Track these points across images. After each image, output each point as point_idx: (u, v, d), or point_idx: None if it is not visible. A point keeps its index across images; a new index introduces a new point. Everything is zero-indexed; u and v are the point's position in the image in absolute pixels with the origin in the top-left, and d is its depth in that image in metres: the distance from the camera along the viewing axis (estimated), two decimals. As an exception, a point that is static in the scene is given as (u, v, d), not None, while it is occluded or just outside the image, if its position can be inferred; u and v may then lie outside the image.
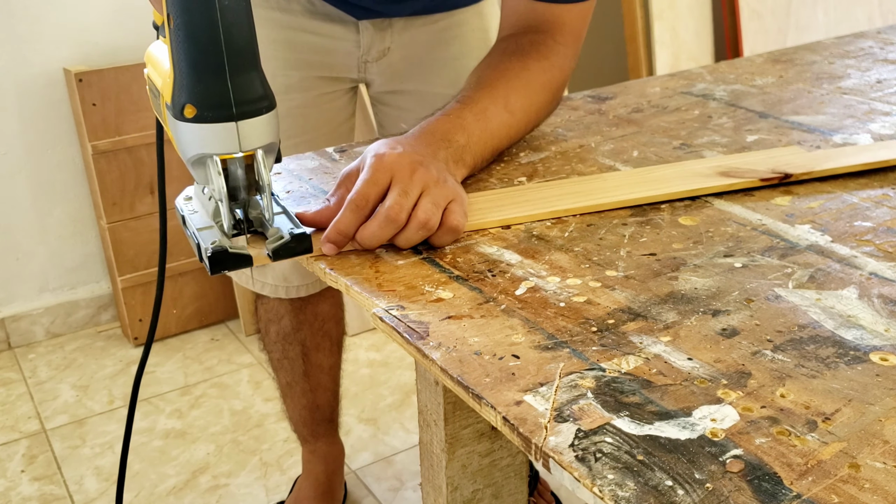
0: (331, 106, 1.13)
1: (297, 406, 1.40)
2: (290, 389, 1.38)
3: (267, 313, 1.32)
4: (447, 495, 0.83)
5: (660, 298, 0.60)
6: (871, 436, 0.45)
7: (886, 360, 0.52)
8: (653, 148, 0.88)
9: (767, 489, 0.42)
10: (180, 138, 0.63)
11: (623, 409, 0.48)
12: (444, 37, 1.12)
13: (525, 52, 0.88)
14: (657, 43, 2.26)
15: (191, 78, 0.60)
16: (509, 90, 0.85)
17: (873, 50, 1.23)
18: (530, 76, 0.87)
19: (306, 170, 0.86)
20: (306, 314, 1.30)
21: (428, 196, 0.68)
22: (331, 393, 1.41)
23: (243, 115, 0.62)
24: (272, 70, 1.06)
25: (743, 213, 0.73)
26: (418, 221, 0.67)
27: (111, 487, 1.59)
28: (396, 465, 1.63)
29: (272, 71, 1.06)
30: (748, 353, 0.53)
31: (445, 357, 0.54)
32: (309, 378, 1.36)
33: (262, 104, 0.63)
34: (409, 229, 0.67)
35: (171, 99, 0.62)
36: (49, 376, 1.96)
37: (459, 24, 1.13)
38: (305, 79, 1.09)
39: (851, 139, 0.88)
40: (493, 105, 0.83)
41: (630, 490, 0.42)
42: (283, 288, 1.21)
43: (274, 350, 1.35)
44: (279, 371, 1.38)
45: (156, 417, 1.79)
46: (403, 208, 0.67)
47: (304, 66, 1.09)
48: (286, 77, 1.08)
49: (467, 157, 0.79)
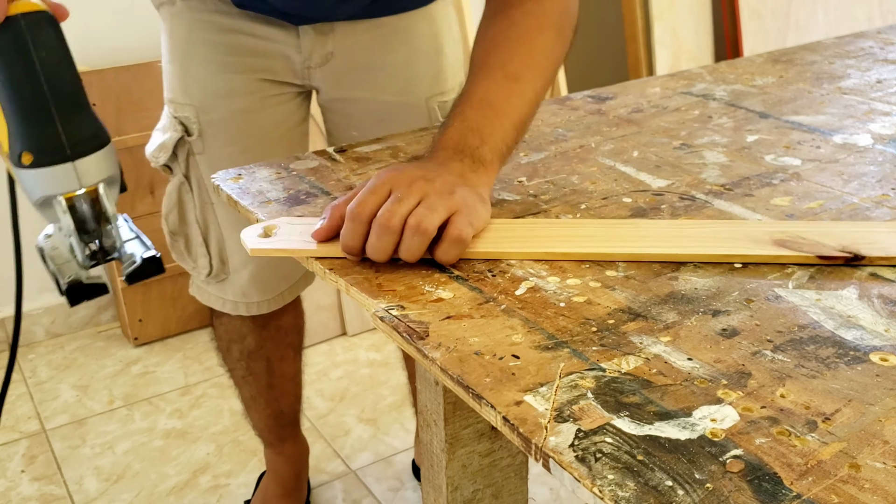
0: (278, 110, 1.09)
1: (262, 416, 1.39)
2: (255, 402, 1.37)
3: (228, 333, 1.28)
4: (447, 495, 0.83)
5: (660, 298, 0.60)
6: (871, 436, 0.45)
7: (886, 360, 0.52)
8: (653, 148, 0.88)
9: (767, 489, 0.42)
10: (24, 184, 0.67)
11: (623, 410, 0.48)
12: (390, 42, 1.07)
13: (509, 6, 0.83)
14: (657, 43, 2.26)
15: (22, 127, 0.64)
16: (503, 57, 0.80)
17: (873, 50, 1.23)
18: (519, 29, 0.81)
19: (306, 170, 0.86)
20: (269, 330, 1.27)
21: (424, 203, 0.66)
22: (293, 397, 1.41)
23: (79, 154, 0.66)
24: (212, 73, 1.05)
25: (743, 213, 0.73)
26: (410, 226, 0.64)
27: (111, 487, 1.59)
28: (396, 465, 1.63)
29: (212, 75, 1.05)
30: (748, 354, 0.53)
31: (445, 357, 0.54)
32: (273, 389, 1.34)
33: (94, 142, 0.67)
34: (405, 237, 0.64)
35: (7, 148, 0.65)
36: (49, 376, 1.96)
37: (406, 28, 1.08)
38: (248, 81, 1.06)
39: (851, 139, 0.88)
40: (491, 85, 0.78)
41: (630, 490, 0.42)
42: (244, 304, 1.18)
43: (237, 367, 1.33)
44: (243, 386, 1.36)
45: (156, 417, 1.79)
46: (395, 214, 0.64)
47: (246, 69, 1.05)
48: (227, 80, 1.05)
49: (488, 155, 0.74)
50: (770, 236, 0.67)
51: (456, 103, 0.79)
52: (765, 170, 0.82)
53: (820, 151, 0.86)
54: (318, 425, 1.75)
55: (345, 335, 2.06)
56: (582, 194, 0.78)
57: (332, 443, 1.69)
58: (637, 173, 0.82)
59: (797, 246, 0.65)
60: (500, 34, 0.82)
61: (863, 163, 0.82)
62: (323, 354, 1.99)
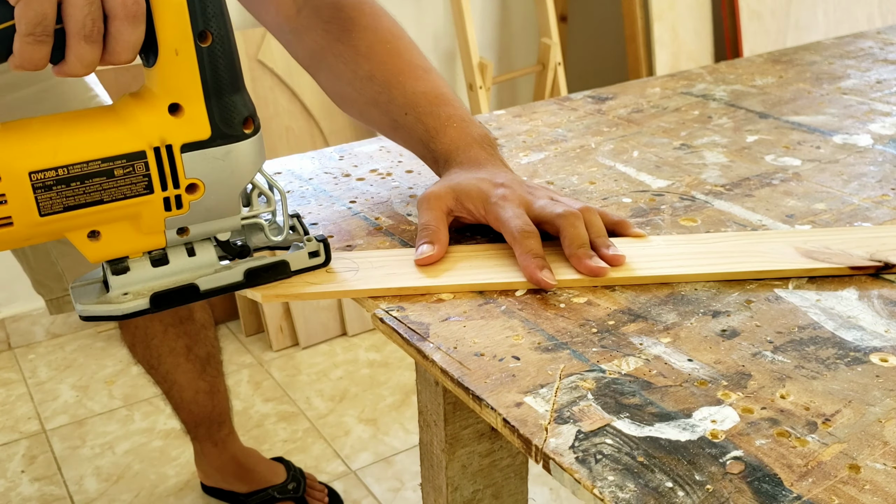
0: None
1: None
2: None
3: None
4: (447, 496, 0.83)
5: (660, 300, 0.60)
6: (871, 437, 0.45)
7: (886, 360, 0.52)
8: (653, 148, 0.88)
9: (768, 490, 0.42)
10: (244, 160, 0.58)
11: (623, 411, 0.48)
12: None
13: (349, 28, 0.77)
14: (657, 43, 2.26)
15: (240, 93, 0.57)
16: (409, 57, 0.76)
17: (873, 50, 1.23)
18: (387, 33, 0.77)
19: (306, 170, 0.86)
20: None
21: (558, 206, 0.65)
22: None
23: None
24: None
25: (743, 214, 0.73)
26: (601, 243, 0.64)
27: (111, 487, 1.59)
28: (396, 465, 1.63)
29: None
30: (748, 355, 0.53)
31: (446, 358, 0.54)
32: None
33: None
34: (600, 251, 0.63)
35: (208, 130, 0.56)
36: (49, 377, 1.96)
37: None
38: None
39: (851, 139, 0.88)
40: (428, 82, 0.75)
41: (630, 492, 0.42)
42: None
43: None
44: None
45: (156, 417, 1.79)
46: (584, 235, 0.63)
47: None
48: None
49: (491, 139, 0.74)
50: (793, 246, 0.65)
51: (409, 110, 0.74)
52: (765, 170, 0.82)
53: (820, 152, 0.86)
54: (318, 425, 1.75)
55: (345, 335, 2.06)
56: (582, 195, 0.78)
57: (332, 443, 1.69)
58: (637, 173, 0.82)
59: (826, 257, 0.63)
60: (376, 43, 0.76)
61: (863, 163, 0.82)
62: (323, 354, 1.99)
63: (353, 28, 0.76)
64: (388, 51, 0.76)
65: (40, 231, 0.55)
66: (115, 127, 0.55)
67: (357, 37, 0.76)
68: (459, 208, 0.68)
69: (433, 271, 0.64)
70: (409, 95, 0.74)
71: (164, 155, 0.55)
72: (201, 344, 1.38)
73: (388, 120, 0.76)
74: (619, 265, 0.62)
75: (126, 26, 0.51)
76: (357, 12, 0.77)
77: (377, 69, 0.75)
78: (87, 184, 0.54)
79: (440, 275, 0.63)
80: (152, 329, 1.33)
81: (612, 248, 0.63)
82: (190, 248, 0.61)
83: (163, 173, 0.56)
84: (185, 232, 0.59)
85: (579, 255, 0.62)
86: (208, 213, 0.59)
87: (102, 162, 0.54)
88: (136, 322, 1.31)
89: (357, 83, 0.76)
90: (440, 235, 0.65)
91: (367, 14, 0.77)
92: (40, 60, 0.50)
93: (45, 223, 0.54)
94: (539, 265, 0.61)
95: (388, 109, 0.75)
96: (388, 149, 0.91)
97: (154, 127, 0.55)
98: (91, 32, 0.50)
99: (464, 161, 0.71)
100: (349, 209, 0.77)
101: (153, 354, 1.35)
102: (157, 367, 1.37)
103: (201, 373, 1.40)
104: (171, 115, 0.55)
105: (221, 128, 0.56)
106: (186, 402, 1.41)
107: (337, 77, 0.77)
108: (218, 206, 0.59)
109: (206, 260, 0.61)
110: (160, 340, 1.34)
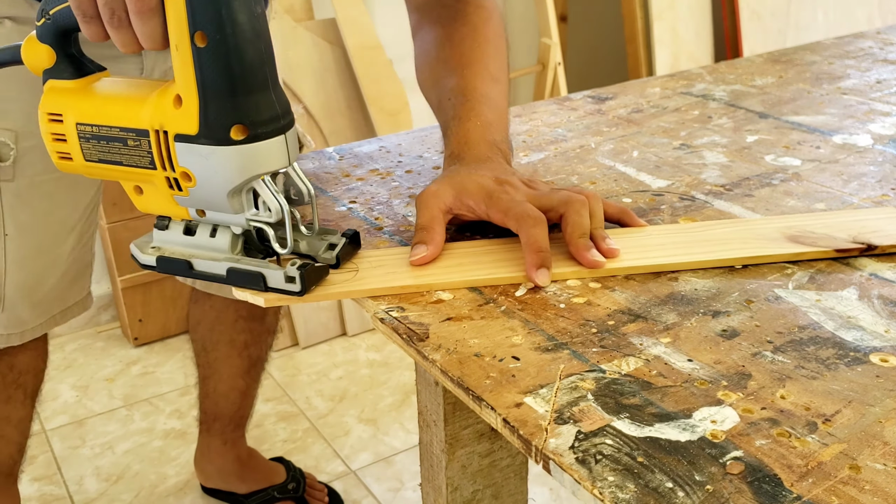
0: None
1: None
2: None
3: None
4: (447, 496, 0.83)
5: (660, 300, 0.60)
6: (871, 437, 0.45)
7: (886, 361, 0.52)
8: (653, 148, 0.88)
9: (768, 491, 0.42)
10: (224, 165, 0.58)
11: (623, 411, 0.48)
12: None
13: (456, 17, 0.82)
14: (657, 43, 2.26)
15: (234, 98, 0.56)
16: (485, 59, 0.80)
17: (873, 50, 1.23)
18: (485, 34, 0.82)
19: (306, 170, 0.86)
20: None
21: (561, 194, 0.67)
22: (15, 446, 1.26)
23: (289, 125, 0.60)
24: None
25: (743, 214, 0.73)
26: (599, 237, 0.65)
27: (111, 487, 1.59)
28: (396, 465, 1.63)
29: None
30: (748, 355, 0.53)
31: (445, 359, 0.54)
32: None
33: (293, 113, 0.61)
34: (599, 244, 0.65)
35: (196, 127, 0.57)
36: (49, 376, 1.95)
37: None
38: None
39: (851, 139, 0.88)
40: (485, 84, 0.78)
41: (630, 492, 0.42)
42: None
43: None
44: None
45: (156, 417, 1.79)
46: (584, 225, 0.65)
47: None
48: None
49: (505, 148, 0.75)
50: (780, 232, 0.66)
51: (453, 97, 0.77)
52: (765, 170, 0.82)
53: (820, 152, 0.86)
54: (318, 425, 1.75)
55: (345, 335, 2.06)
56: (582, 195, 0.78)
57: (332, 443, 1.69)
58: (637, 173, 0.82)
59: (812, 241, 0.64)
60: (468, 36, 0.82)
61: (863, 163, 0.82)
62: (323, 354, 1.99)
63: (460, 18, 0.83)
64: (473, 48, 0.81)
65: (93, 171, 0.64)
66: (140, 104, 0.60)
67: (458, 27, 0.83)
68: (459, 206, 0.68)
69: (432, 269, 0.64)
70: (461, 85, 0.78)
71: (161, 139, 0.60)
72: (258, 346, 1.37)
73: (436, 99, 0.81)
74: (613, 258, 0.64)
75: (137, 19, 0.56)
76: (472, 7, 0.84)
77: (455, 57, 0.81)
78: (111, 145, 0.62)
79: (440, 272, 0.63)
80: (224, 315, 1.31)
81: (608, 241, 0.65)
82: (213, 230, 0.64)
83: (161, 155, 0.60)
84: (202, 214, 0.63)
85: (579, 245, 0.63)
86: (207, 204, 0.62)
87: (121, 130, 0.61)
88: (211, 302, 1.30)
89: (434, 64, 0.83)
90: (435, 235, 0.66)
91: (480, 12, 0.83)
92: (94, 35, 0.59)
93: (91, 167, 0.63)
94: (538, 263, 0.62)
95: (440, 89, 0.80)
96: (387, 149, 0.91)
97: (159, 112, 0.59)
98: (112, 20, 0.57)
99: (467, 158, 0.72)
100: (349, 209, 0.77)
101: (213, 338, 1.34)
102: (210, 352, 1.35)
103: (245, 372, 1.39)
104: (175, 105, 0.58)
105: (207, 128, 0.58)
106: (218, 395, 1.39)
107: (424, 52, 0.85)
108: (211, 200, 0.61)
109: (219, 244, 0.64)
110: (226, 327, 1.32)
